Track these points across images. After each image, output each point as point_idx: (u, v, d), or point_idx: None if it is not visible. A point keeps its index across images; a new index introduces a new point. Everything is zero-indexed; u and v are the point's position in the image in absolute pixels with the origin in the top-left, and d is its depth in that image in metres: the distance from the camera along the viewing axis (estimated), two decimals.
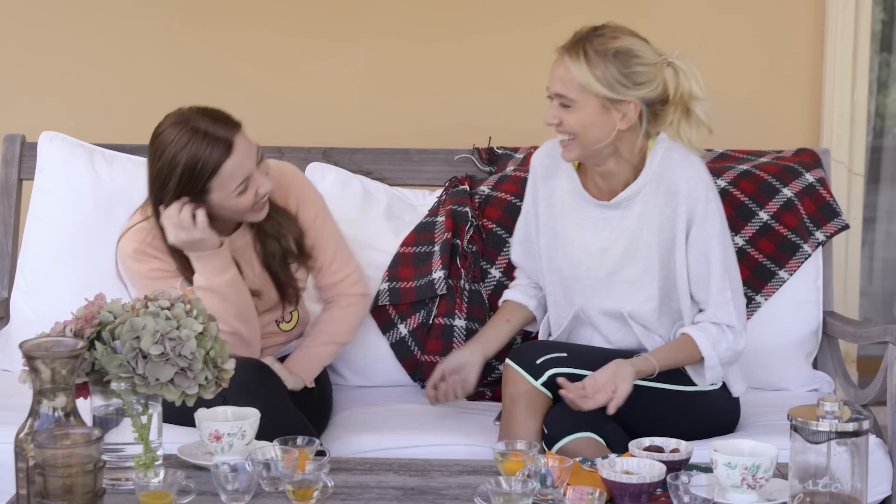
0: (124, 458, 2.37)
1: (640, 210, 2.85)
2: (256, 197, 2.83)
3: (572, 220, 2.91)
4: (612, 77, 2.74)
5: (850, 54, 3.88)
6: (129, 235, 2.90)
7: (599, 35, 2.78)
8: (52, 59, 3.90)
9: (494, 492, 2.24)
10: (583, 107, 2.76)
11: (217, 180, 2.77)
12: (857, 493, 2.22)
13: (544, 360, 2.78)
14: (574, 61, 2.75)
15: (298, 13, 3.89)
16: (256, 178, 2.82)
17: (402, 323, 3.32)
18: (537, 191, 3.00)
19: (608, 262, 2.87)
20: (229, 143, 2.77)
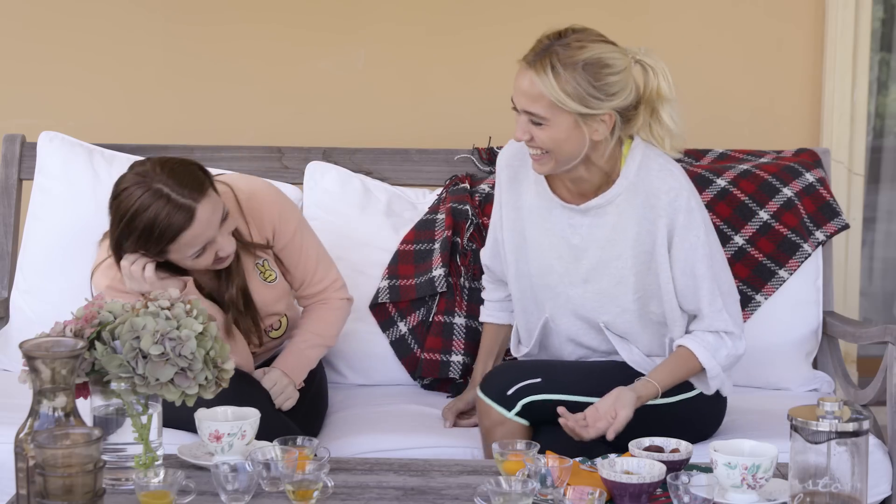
0: (124, 458, 2.37)
1: (613, 220, 2.74)
2: (216, 258, 2.75)
3: (540, 225, 2.81)
4: (583, 91, 2.59)
5: (850, 54, 3.88)
6: (100, 271, 2.83)
7: (564, 45, 2.61)
8: (52, 59, 3.90)
9: (494, 492, 2.24)
10: (554, 124, 2.61)
11: (174, 245, 2.68)
12: (857, 493, 2.22)
13: (517, 390, 2.72)
14: (541, 77, 2.59)
15: (298, 13, 3.89)
16: (218, 242, 2.72)
17: (401, 321, 3.32)
18: (502, 195, 2.88)
19: (581, 269, 2.78)
20: (191, 212, 2.65)
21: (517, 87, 2.63)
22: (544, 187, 2.80)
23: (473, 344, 3.28)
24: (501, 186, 2.89)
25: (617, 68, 2.62)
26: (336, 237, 3.34)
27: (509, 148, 2.90)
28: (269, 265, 2.96)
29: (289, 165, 3.55)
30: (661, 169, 2.72)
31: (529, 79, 2.61)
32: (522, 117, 2.64)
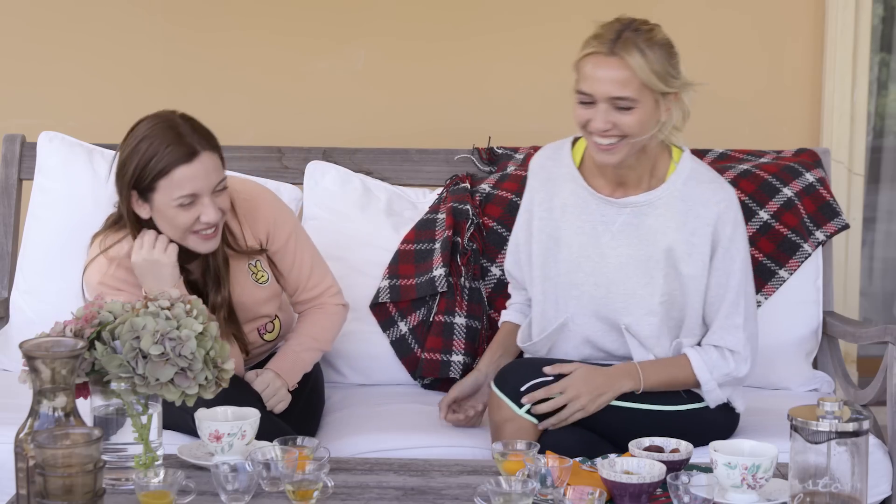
0: (124, 458, 2.37)
1: (651, 221, 2.76)
2: (198, 224, 2.73)
3: (572, 223, 2.82)
4: (664, 70, 2.66)
5: (850, 54, 3.88)
6: (92, 267, 2.83)
7: (636, 30, 2.67)
8: (52, 59, 3.90)
9: (494, 492, 2.24)
10: (641, 106, 2.66)
11: (165, 181, 2.69)
12: (857, 493, 2.22)
13: (529, 387, 2.71)
14: (632, 58, 2.63)
15: (298, 13, 3.90)
16: (205, 203, 2.72)
17: (402, 320, 3.32)
18: (534, 195, 2.89)
19: (608, 269, 2.78)
20: (193, 152, 2.70)
21: (598, 77, 2.66)
22: (581, 183, 2.82)
23: (474, 344, 3.28)
24: (534, 188, 2.90)
25: (676, 48, 2.71)
26: (336, 237, 3.34)
27: (544, 151, 2.94)
28: (262, 266, 2.95)
29: (289, 165, 3.55)
30: (713, 181, 2.79)
31: (616, 64, 2.64)
32: (603, 106, 2.66)
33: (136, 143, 2.73)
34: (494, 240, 3.37)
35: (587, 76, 2.68)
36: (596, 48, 2.67)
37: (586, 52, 2.69)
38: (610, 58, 2.65)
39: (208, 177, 2.72)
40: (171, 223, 2.75)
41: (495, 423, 2.76)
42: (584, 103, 2.69)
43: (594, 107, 2.68)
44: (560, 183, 2.86)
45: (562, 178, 2.86)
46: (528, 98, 3.93)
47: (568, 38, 3.91)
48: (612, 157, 2.71)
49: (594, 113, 2.68)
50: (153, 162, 2.70)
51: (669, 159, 2.80)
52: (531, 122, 3.91)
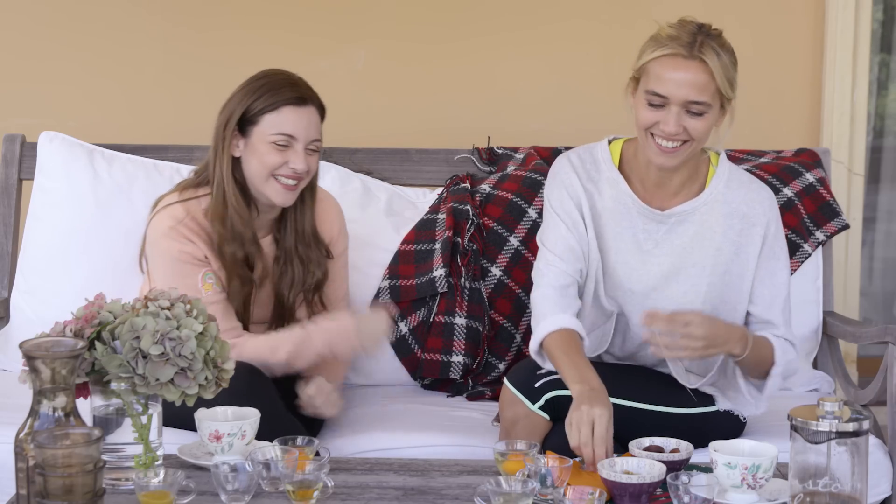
0: (124, 458, 2.37)
1: (695, 229, 2.74)
2: (284, 168, 2.83)
3: (612, 228, 2.77)
4: (733, 77, 2.64)
5: (850, 54, 3.89)
6: (166, 212, 2.87)
7: (707, 34, 2.61)
8: (52, 59, 3.90)
9: (494, 492, 2.24)
10: (712, 112, 2.63)
11: (270, 115, 2.83)
12: (857, 493, 2.22)
13: (542, 384, 2.70)
14: (712, 62, 2.58)
15: (298, 13, 3.90)
16: (297, 150, 2.83)
17: (402, 321, 3.32)
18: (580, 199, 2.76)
19: (649, 276, 2.75)
20: (303, 99, 2.85)
21: (675, 80, 2.59)
22: (623, 189, 2.76)
23: (474, 344, 3.28)
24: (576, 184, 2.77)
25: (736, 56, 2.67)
26: None
27: (577, 154, 2.82)
28: None
29: None
30: (753, 181, 2.79)
31: (696, 68, 2.59)
32: (675, 109, 2.60)
33: (255, 80, 2.89)
34: (495, 240, 3.37)
35: (662, 78, 2.60)
36: (675, 49, 2.59)
37: (663, 52, 2.60)
38: (689, 60, 2.59)
39: (309, 127, 2.85)
40: (261, 160, 2.83)
41: (508, 419, 2.76)
42: (654, 105, 2.62)
43: (665, 109, 2.61)
44: (600, 185, 2.78)
45: (602, 182, 2.78)
46: (528, 98, 3.93)
47: (568, 39, 3.94)
48: (673, 160, 2.66)
49: (665, 115, 2.61)
50: (266, 96, 2.84)
51: (708, 163, 2.79)
52: (531, 122, 3.91)
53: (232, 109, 2.86)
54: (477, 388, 3.29)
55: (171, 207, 2.87)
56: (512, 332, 3.34)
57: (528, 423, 2.72)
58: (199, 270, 2.84)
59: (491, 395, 3.24)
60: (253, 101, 2.85)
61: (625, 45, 3.84)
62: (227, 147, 2.86)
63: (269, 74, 2.91)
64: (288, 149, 2.83)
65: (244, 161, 2.87)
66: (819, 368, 3.40)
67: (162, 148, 3.52)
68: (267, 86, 2.86)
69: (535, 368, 2.76)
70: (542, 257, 2.81)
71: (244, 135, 2.86)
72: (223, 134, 2.86)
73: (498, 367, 3.31)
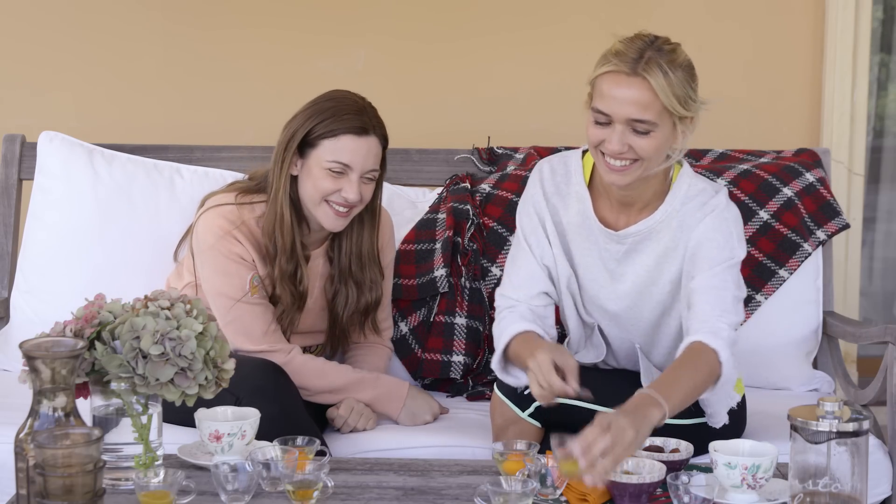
0: (124, 458, 2.37)
1: (652, 247, 2.66)
2: (336, 196, 2.84)
3: (581, 244, 2.71)
4: (685, 93, 2.51)
5: (850, 54, 3.89)
6: (220, 211, 2.90)
7: (657, 49, 2.51)
8: (52, 59, 3.90)
9: (494, 492, 2.24)
10: (659, 130, 2.51)
11: (329, 142, 2.83)
12: (857, 493, 2.22)
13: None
14: (655, 80, 2.47)
15: (299, 13, 3.89)
16: (352, 179, 2.83)
17: (402, 321, 3.32)
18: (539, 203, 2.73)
19: (618, 296, 2.71)
20: (365, 129, 2.85)
21: (617, 98, 2.49)
22: (587, 205, 2.69)
23: (474, 344, 3.28)
24: (540, 195, 2.74)
25: (695, 70, 2.57)
26: None
27: (551, 163, 2.76)
28: None
29: None
30: (701, 193, 2.64)
31: (638, 85, 2.48)
32: (619, 127, 2.51)
33: (322, 101, 2.88)
34: (495, 240, 3.37)
35: (605, 95, 2.51)
36: (617, 66, 2.50)
37: (606, 69, 2.52)
38: (632, 78, 2.49)
39: (367, 158, 2.85)
40: (315, 184, 2.84)
41: (498, 425, 2.75)
42: (600, 123, 2.54)
43: (610, 127, 2.52)
44: (567, 202, 2.73)
45: (570, 196, 2.73)
46: (528, 98, 3.93)
47: (568, 39, 3.94)
48: (622, 178, 2.56)
49: (609, 133, 2.52)
50: (328, 121, 2.84)
51: (668, 178, 2.68)
52: (531, 122, 3.91)
53: (295, 129, 2.87)
54: (477, 388, 3.29)
55: (225, 208, 2.90)
56: None
57: (518, 431, 2.71)
58: (247, 273, 2.88)
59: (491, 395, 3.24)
60: (315, 124, 2.84)
61: None
62: (286, 166, 2.87)
63: (336, 98, 2.89)
64: (343, 176, 2.84)
65: (300, 181, 2.89)
66: (819, 368, 3.40)
67: (162, 148, 3.52)
68: (332, 110, 2.85)
69: None
70: (504, 286, 2.75)
71: (302, 156, 2.87)
72: (283, 154, 2.87)
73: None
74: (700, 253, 2.61)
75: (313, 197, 2.86)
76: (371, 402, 2.96)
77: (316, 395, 2.93)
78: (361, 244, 2.98)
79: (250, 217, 2.91)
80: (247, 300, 2.87)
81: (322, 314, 3.03)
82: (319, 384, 2.93)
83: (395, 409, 2.97)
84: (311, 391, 2.92)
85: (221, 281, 2.87)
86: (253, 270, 2.89)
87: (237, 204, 2.91)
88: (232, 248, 2.87)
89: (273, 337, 2.90)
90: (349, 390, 2.94)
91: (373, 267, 3.00)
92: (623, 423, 2.24)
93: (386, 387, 2.98)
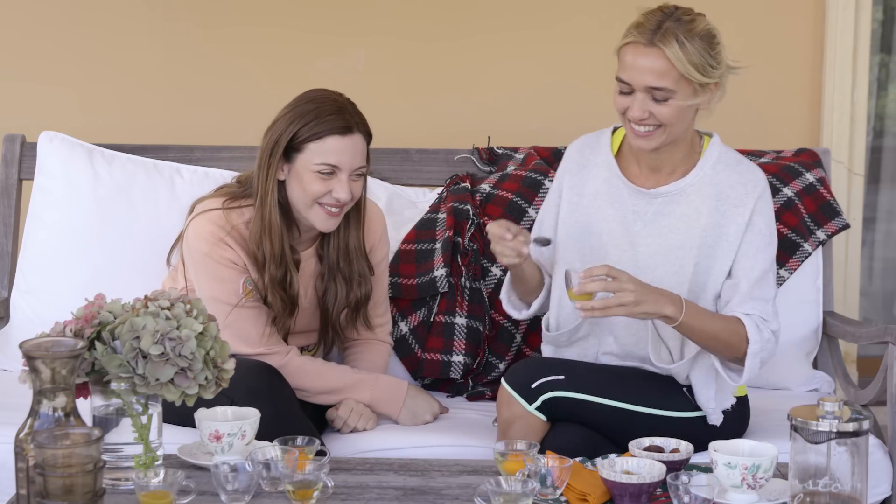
0: (124, 458, 2.37)
1: (682, 209, 2.78)
2: (327, 197, 2.84)
3: (604, 211, 2.82)
4: (703, 61, 2.66)
5: (850, 54, 3.88)
6: (209, 217, 2.89)
7: (677, 20, 2.67)
8: (52, 59, 3.90)
9: (494, 492, 2.24)
10: (678, 97, 2.67)
11: (315, 144, 2.82)
12: (857, 493, 2.22)
13: (540, 384, 2.71)
14: (670, 50, 2.64)
15: (299, 13, 3.89)
16: (342, 179, 2.83)
17: (402, 321, 3.32)
18: (564, 180, 2.90)
19: (638, 257, 2.78)
20: (349, 128, 2.84)
21: (636, 67, 2.67)
22: (615, 171, 2.84)
23: (474, 344, 3.28)
24: (567, 171, 2.91)
25: (719, 37, 2.72)
26: None
27: (584, 138, 2.95)
28: None
29: None
30: (741, 163, 2.82)
31: (654, 55, 2.65)
32: (640, 95, 2.68)
33: (301, 104, 2.86)
34: None
35: (626, 65, 2.69)
36: (636, 38, 2.67)
37: (626, 40, 2.69)
38: (649, 48, 2.65)
39: (353, 156, 2.84)
40: (305, 189, 2.84)
41: (504, 419, 2.76)
42: (624, 92, 2.71)
43: (632, 95, 2.69)
44: (595, 170, 2.87)
45: (597, 166, 2.87)
46: (528, 98, 3.93)
47: (568, 39, 3.94)
48: (648, 143, 2.73)
49: (632, 101, 2.69)
50: (311, 125, 2.83)
51: (700, 145, 2.83)
52: (531, 122, 3.91)
53: (279, 134, 2.85)
54: (477, 389, 3.29)
55: (214, 213, 2.89)
56: (512, 332, 3.34)
57: (524, 424, 2.72)
58: (240, 276, 2.88)
59: (491, 395, 3.24)
60: (299, 129, 2.83)
61: None
62: (272, 172, 2.86)
63: (315, 99, 2.87)
64: (332, 177, 2.83)
65: (289, 185, 2.88)
66: (819, 368, 3.40)
67: (162, 148, 3.52)
68: (314, 112, 2.84)
69: (532, 369, 2.77)
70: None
71: (288, 160, 2.86)
72: (269, 160, 2.86)
73: (498, 367, 3.31)
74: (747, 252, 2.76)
75: (304, 200, 2.86)
76: (370, 402, 2.96)
77: (315, 396, 2.93)
78: (348, 239, 2.97)
79: (239, 221, 2.90)
80: (242, 304, 2.87)
81: (315, 313, 3.02)
82: (318, 385, 2.93)
83: (395, 409, 2.97)
84: (309, 392, 2.92)
85: (215, 287, 2.87)
86: (245, 274, 2.89)
87: (225, 209, 2.90)
88: (224, 254, 2.87)
89: (270, 340, 2.90)
90: (348, 391, 2.95)
91: (360, 261, 2.99)
92: (630, 286, 2.57)
93: (385, 387, 2.98)
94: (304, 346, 3.05)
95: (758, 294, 2.75)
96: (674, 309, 2.63)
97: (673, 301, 2.64)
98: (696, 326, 2.67)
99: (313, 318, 3.03)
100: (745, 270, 2.76)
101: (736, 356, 2.73)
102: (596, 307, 2.57)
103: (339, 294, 2.98)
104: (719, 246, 2.76)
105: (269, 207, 2.85)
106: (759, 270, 2.76)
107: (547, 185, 3.39)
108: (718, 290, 2.77)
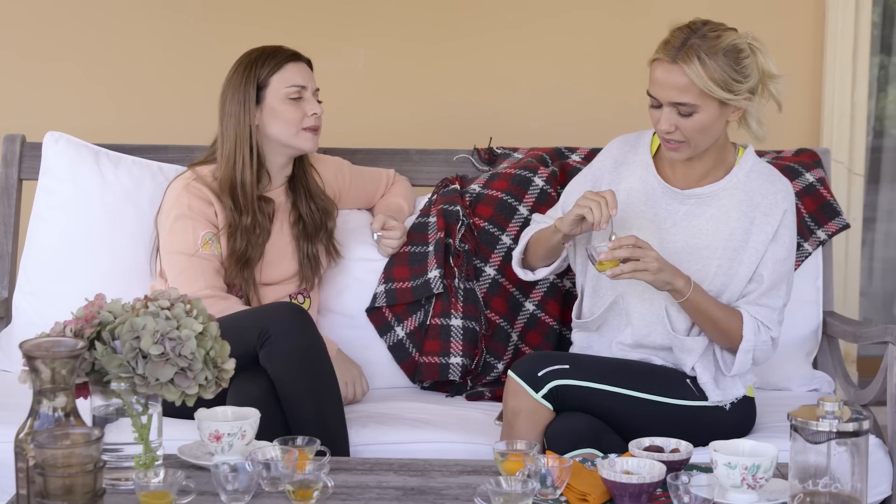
0: (124, 458, 2.37)
1: (712, 211, 2.88)
2: (306, 119, 3.11)
3: (636, 209, 2.91)
4: (728, 77, 2.77)
5: (849, 55, 3.89)
6: (181, 177, 3.14)
7: (701, 37, 2.77)
8: (52, 59, 3.90)
9: (494, 492, 2.24)
10: (703, 111, 2.78)
11: (278, 75, 3.10)
12: (857, 493, 2.22)
13: (546, 373, 2.75)
14: (691, 68, 2.75)
15: (299, 13, 3.90)
16: (310, 99, 3.13)
17: (398, 325, 3.32)
18: (603, 175, 2.98)
19: (665, 253, 2.83)
20: (296, 55, 3.15)
21: (661, 83, 2.78)
22: (652, 171, 2.94)
23: (471, 345, 3.28)
24: (605, 167, 3.00)
25: (747, 52, 2.82)
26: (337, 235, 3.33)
27: (626, 136, 3.05)
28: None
29: None
30: (773, 174, 2.92)
31: (677, 72, 2.76)
32: (666, 110, 2.79)
33: (246, 58, 3.13)
34: (486, 239, 3.37)
35: (653, 81, 2.81)
36: (661, 55, 2.79)
37: (654, 57, 2.81)
38: (672, 65, 2.76)
39: (310, 77, 3.17)
40: (284, 119, 3.11)
41: (511, 408, 2.78)
42: (654, 106, 2.82)
43: (660, 109, 2.81)
44: (632, 168, 2.97)
45: (634, 165, 2.97)
46: (528, 98, 3.93)
47: (568, 39, 3.94)
48: (679, 154, 2.85)
49: (660, 114, 2.81)
50: (267, 63, 3.11)
51: (735, 153, 2.93)
52: (531, 122, 3.91)
53: (242, 86, 3.09)
54: (476, 389, 3.29)
55: (182, 175, 3.15)
56: (508, 331, 3.34)
57: (530, 414, 2.75)
58: (202, 229, 3.06)
59: (490, 395, 3.24)
60: (258, 70, 3.10)
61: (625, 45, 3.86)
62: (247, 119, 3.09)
63: (254, 51, 3.14)
64: (301, 100, 3.12)
65: (265, 126, 3.12)
66: (819, 368, 3.40)
67: (162, 148, 3.52)
68: (262, 54, 3.12)
69: (539, 360, 2.80)
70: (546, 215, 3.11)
71: (258, 103, 3.10)
72: (242, 114, 3.09)
73: (496, 367, 3.31)
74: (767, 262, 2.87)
75: (289, 130, 3.12)
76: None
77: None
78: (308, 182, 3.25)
79: (207, 172, 3.13)
80: (198, 255, 3.04)
81: (293, 255, 3.18)
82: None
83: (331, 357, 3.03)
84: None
85: (176, 240, 3.06)
86: (210, 229, 3.06)
87: (192, 167, 3.16)
88: (192, 203, 3.08)
89: (215, 287, 3.05)
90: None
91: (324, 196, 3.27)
92: (653, 254, 2.73)
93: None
94: (292, 295, 3.17)
95: (766, 301, 2.86)
96: (684, 284, 2.78)
97: (685, 278, 2.79)
98: (701, 307, 2.80)
99: (290, 261, 3.18)
100: (761, 277, 2.86)
101: (731, 347, 2.86)
102: (626, 270, 2.71)
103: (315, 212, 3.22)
104: (744, 250, 2.85)
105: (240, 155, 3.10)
106: (774, 280, 2.86)
107: (537, 183, 3.40)
108: (737, 294, 2.86)
